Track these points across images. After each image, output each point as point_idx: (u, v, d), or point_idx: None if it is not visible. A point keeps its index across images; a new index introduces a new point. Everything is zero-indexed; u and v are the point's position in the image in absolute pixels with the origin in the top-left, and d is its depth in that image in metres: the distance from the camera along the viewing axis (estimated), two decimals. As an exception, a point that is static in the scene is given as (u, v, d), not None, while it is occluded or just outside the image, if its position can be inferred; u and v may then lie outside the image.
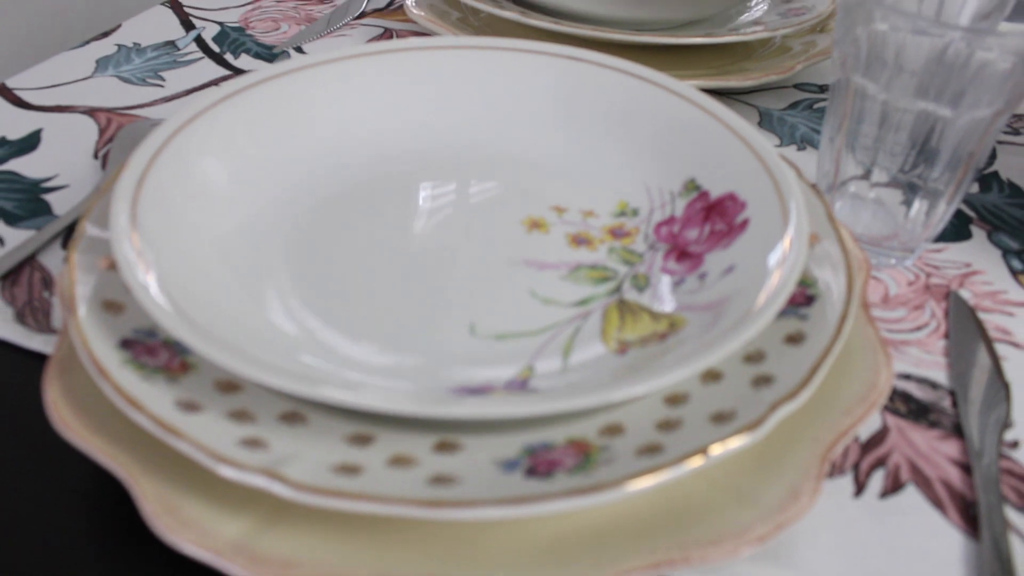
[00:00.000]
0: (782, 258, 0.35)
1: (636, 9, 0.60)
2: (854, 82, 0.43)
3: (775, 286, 0.33)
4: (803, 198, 0.39)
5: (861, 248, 0.42)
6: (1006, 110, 0.41)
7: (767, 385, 0.32)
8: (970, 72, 0.40)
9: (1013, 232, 0.51)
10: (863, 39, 0.41)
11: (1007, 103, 0.41)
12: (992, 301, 0.46)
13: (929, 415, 0.40)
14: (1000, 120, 0.42)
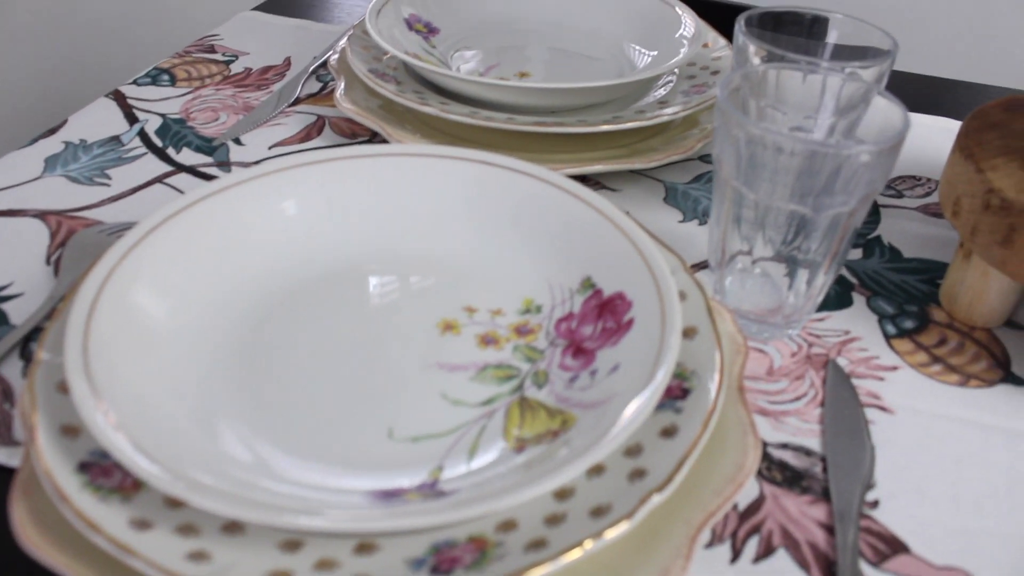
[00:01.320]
0: (655, 361, 0.41)
1: (546, 98, 0.67)
2: (730, 183, 0.49)
3: (645, 395, 0.39)
4: (683, 293, 0.45)
5: (741, 331, 0.48)
6: (860, 207, 0.48)
7: (641, 478, 0.38)
8: (827, 176, 0.46)
9: (890, 296, 0.58)
10: (734, 146, 0.48)
11: (861, 200, 0.48)
12: (866, 367, 0.53)
13: (802, 481, 0.46)
14: (861, 208, 0.48)
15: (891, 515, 0.45)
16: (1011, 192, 0.51)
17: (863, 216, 0.49)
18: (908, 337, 0.55)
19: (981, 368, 0.53)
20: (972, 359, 0.54)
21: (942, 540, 0.44)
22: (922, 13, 2.00)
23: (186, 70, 0.82)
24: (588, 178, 0.67)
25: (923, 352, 0.54)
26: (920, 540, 0.44)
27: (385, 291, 0.50)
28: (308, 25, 0.92)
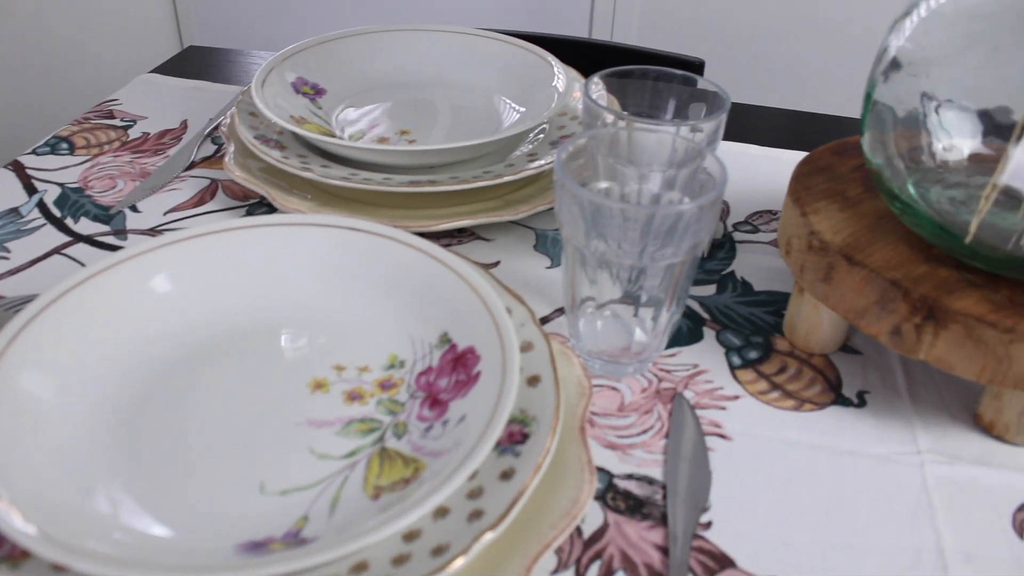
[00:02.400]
0: (493, 413, 0.47)
1: (417, 159, 0.73)
2: (570, 242, 0.56)
3: (479, 443, 0.45)
4: (530, 344, 0.52)
5: (587, 375, 0.54)
6: (689, 256, 0.54)
7: (478, 519, 0.44)
8: (656, 231, 0.53)
9: (738, 329, 0.65)
10: (571, 207, 0.54)
11: (689, 250, 0.54)
12: (710, 398, 0.60)
13: (643, 508, 0.52)
14: (691, 256, 0.55)
15: (722, 534, 0.51)
16: (828, 234, 0.58)
17: (695, 261, 0.55)
18: (751, 367, 0.62)
19: (815, 392, 0.60)
20: (808, 384, 0.61)
21: (766, 554, 0.50)
22: (797, 53, 2.10)
23: (84, 137, 0.87)
24: (465, 229, 0.73)
25: (764, 380, 0.61)
26: (746, 555, 0.50)
27: (260, 356, 0.56)
28: (205, 86, 0.98)
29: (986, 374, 0.53)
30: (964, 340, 0.53)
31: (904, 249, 0.57)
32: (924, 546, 0.51)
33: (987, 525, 0.52)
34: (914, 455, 0.56)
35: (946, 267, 0.56)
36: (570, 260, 0.56)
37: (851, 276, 0.56)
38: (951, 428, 0.58)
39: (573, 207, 0.53)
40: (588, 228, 0.54)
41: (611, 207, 0.51)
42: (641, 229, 0.53)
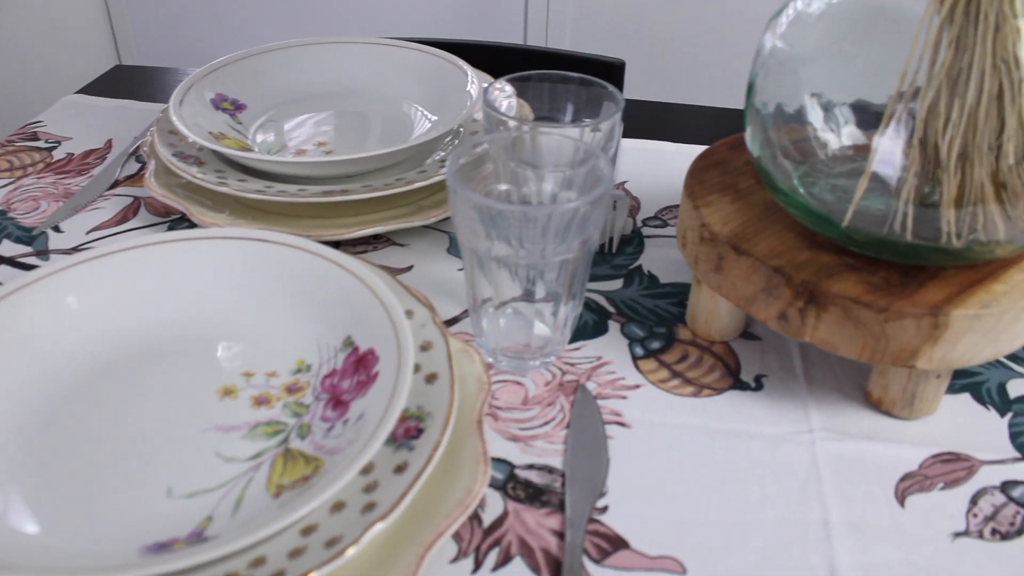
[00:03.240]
0: (386, 410, 0.50)
1: (330, 169, 0.76)
2: (465, 245, 0.58)
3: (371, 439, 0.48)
4: (430, 343, 0.55)
5: (487, 372, 0.57)
6: (582, 250, 0.57)
7: (371, 511, 0.47)
8: (553, 231, 0.56)
9: (642, 321, 0.68)
10: (466, 214, 0.57)
11: (581, 244, 0.57)
12: (612, 388, 0.63)
13: (542, 496, 0.55)
14: (584, 251, 0.58)
15: (617, 517, 0.54)
16: (717, 226, 0.61)
17: (589, 256, 0.58)
18: (654, 357, 0.65)
19: (714, 378, 0.63)
20: (708, 371, 0.64)
21: (660, 534, 0.53)
22: (727, 52, 2.15)
23: (8, 160, 0.89)
24: (380, 235, 0.76)
25: (665, 369, 0.64)
26: (640, 536, 0.53)
27: (171, 367, 0.58)
28: (131, 105, 1.00)
29: (866, 352, 0.57)
30: (843, 321, 0.56)
31: (790, 237, 0.60)
32: (811, 519, 0.54)
33: (872, 496, 0.56)
34: (806, 434, 0.59)
35: (828, 253, 0.59)
36: (468, 263, 0.59)
37: (739, 265, 0.59)
38: (843, 406, 0.62)
39: (470, 212, 0.56)
40: (488, 231, 0.56)
41: (499, 209, 0.54)
42: (540, 228, 0.56)
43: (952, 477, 0.57)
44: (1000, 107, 0.52)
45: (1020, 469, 0.58)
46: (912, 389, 0.59)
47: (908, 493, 0.56)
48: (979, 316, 0.55)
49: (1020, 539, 0.54)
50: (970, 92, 0.52)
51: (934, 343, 0.55)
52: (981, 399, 0.63)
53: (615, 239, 0.74)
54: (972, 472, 0.57)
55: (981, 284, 0.57)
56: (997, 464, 0.58)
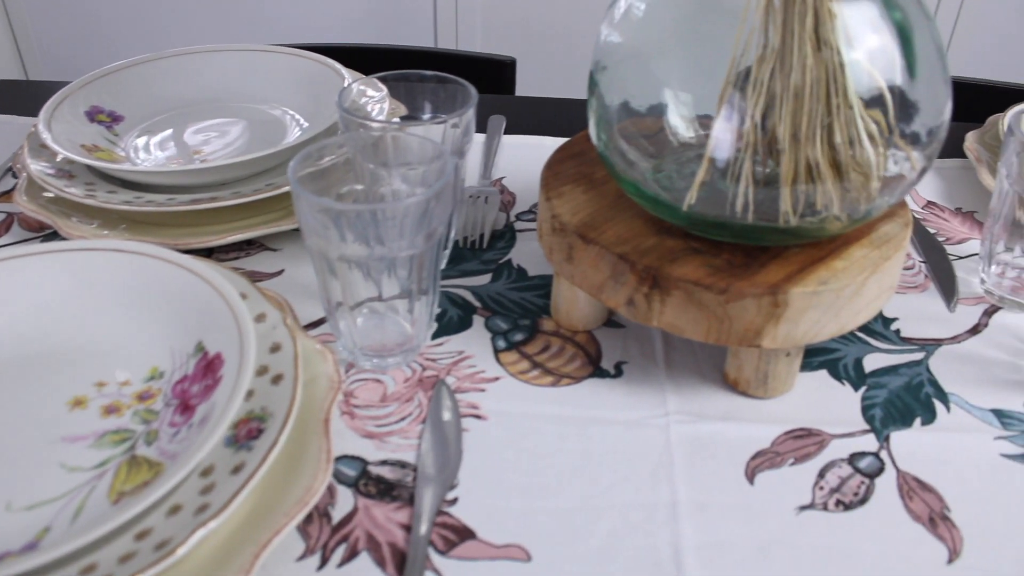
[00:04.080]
0: (222, 413, 0.51)
1: (199, 178, 0.77)
2: (311, 249, 0.59)
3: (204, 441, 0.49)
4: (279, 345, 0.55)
5: (339, 371, 0.58)
6: (428, 245, 0.58)
7: (204, 512, 0.48)
8: (392, 226, 0.56)
9: (507, 314, 0.69)
10: (314, 217, 0.58)
11: (427, 238, 0.58)
12: (471, 382, 0.64)
13: (393, 492, 0.56)
14: (429, 245, 0.58)
15: (466, 508, 0.55)
16: (567, 216, 0.62)
17: (434, 250, 0.59)
18: (515, 349, 0.66)
19: (574, 367, 0.65)
20: (568, 360, 0.65)
21: (507, 523, 0.54)
22: None
23: None
24: (252, 241, 0.77)
25: (526, 360, 0.65)
26: (488, 527, 0.54)
27: (21, 380, 0.59)
28: (10, 120, 1.00)
29: (712, 334, 0.58)
30: (687, 304, 0.57)
31: (638, 224, 0.61)
32: (660, 501, 0.55)
33: (722, 475, 0.57)
34: (662, 417, 0.61)
35: (674, 238, 0.60)
36: (319, 267, 0.60)
37: (587, 254, 0.60)
38: (701, 389, 0.63)
39: (317, 215, 0.56)
40: (343, 233, 0.57)
41: (340, 209, 0.55)
42: (389, 225, 0.57)
43: (803, 452, 0.59)
44: (827, 87, 0.53)
45: (868, 441, 0.60)
46: (764, 368, 0.61)
47: (758, 470, 0.57)
48: (818, 293, 0.56)
49: (862, 508, 0.55)
50: (795, 74, 0.53)
51: (776, 322, 0.57)
52: (837, 375, 0.65)
53: (486, 234, 0.75)
54: (822, 446, 0.59)
55: (822, 262, 0.58)
56: (847, 437, 0.60)
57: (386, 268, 0.59)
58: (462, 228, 0.76)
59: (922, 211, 0.85)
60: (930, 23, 0.56)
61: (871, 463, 0.58)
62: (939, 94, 0.57)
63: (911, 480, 0.57)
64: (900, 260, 0.61)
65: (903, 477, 0.57)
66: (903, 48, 0.54)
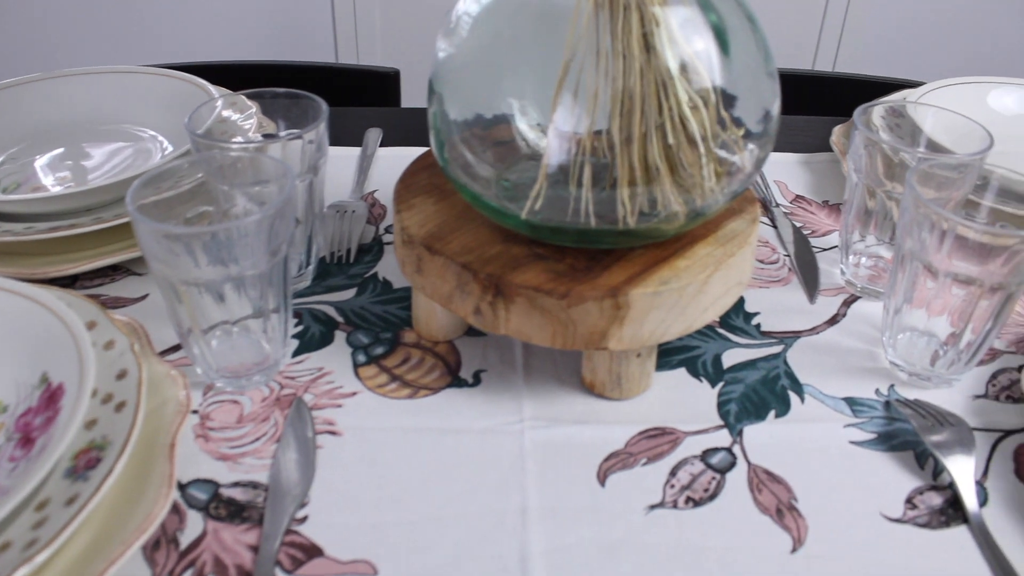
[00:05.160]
0: (54, 445, 0.50)
1: (48, 206, 0.76)
2: (157, 274, 0.59)
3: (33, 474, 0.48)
4: (126, 371, 0.55)
5: (189, 396, 0.58)
6: (271, 264, 0.58)
7: (31, 547, 0.48)
8: (233, 248, 0.56)
9: (370, 328, 0.69)
10: (159, 243, 0.57)
11: (270, 255, 0.58)
12: (328, 398, 0.64)
13: (243, 513, 0.56)
14: (276, 261, 0.58)
15: (316, 526, 0.55)
16: (414, 228, 0.63)
17: (281, 267, 0.59)
18: (375, 363, 0.66)
19: (433, 378, 0.65)
20: (427, 371, 0.65)
21: (356, 539, 0.54)
22: None
23: None
24: (118, 266, 0.76)
25: (384, 374, 0.65)
26: (336, 543, 0.54)
27: None
28: None
29: (558, 339, 0.59)
30: (531, 311, 0.58)
31: (485, 233, 0.62)
32: (510, 508, 0.56)
33: (574, 479, 0.58)
34: (516, 424, 0.61)
35: (520, 245, 0.61)
36: (164, 293, 0.59)
37: (434, 265, 0.61)
38: (559, 393, 0.64)
39: (161, 241, 0.56)
40: (193, 257, 0.57)
41: (177, 233, 0.55)
42: (235, 245, 0.57)
43: (656, 452, 0.59)
44: (656, 89, 0.54)
45: (721, 436, 0.60)
46: (617, 370, 0.61)
47: (611, 472, 0.58)
48: (659, 293, 0.57)
49: (712, 503, 0.56)
50: (625, 78, 0.54)
51: (620, 323, 0.57)
52: (696, 372, 0.66)
53: (352, 249, 0.75)
54: (676, 444, 0.60)
55: (666, 262, 0.59)
56: (701, 434, 0.61)
57: (235, 288, 0.59)
58: (328, 243, 0.76)
59: (790, 205, 0.86)
60: (751, 23, 0.57)
61: (723, 458, 0.59)
62: (764, 90, 0.58)
63: (761, 473, 0.58)
64: (747, 256, 0.62)
65: (754, 470, 0.58)
66: (721, 49, 0.55)
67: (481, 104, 0.58)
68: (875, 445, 0.60)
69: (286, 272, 0.59)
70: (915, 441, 0.60)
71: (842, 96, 0.97)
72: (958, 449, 0.59)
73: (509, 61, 0.58)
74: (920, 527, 0.55)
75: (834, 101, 0.74)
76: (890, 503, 0.57)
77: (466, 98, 0.59)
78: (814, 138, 0.97)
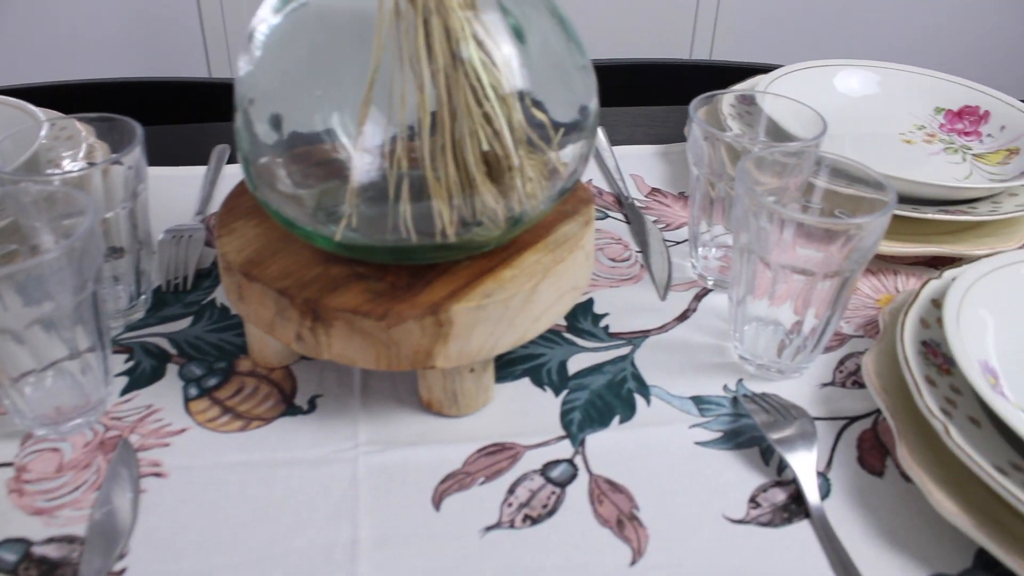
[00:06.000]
0: None
1: None
2: None
3: None
4: None
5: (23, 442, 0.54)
6: (77, 299, 0.54)
7: None
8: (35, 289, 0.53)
9: (203, 358, 0.66)
10: None
11: (76, 292, 0.54)
12: (155, 437, 0.60)
13: (57, 572, 0.53)
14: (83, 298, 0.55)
15: None
16: (232, 254, 0.59)
17: (89, 303, 0.56)
18: (207, 395, 0.63)
19: (266, 407, 0.62)
20: (261, 400, 0.62)
21: (174, 587, 0.51)
22: None
23: None
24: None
25: (216, 407, 0.62)
26: (153, 594, 0.51)
27: None
28: None
29: (383, 361, 0.56)
30: (351, 334, 0.55)
31: (306, 255, 0.59)
32: (339, 541, 0.53)
33: (408, 505, 0.55)
34: (351, 450, 0.59)
35: (340, 265, 0.58)
36: None
37: (253, 291, 0.58)
38: (397, 414, 0.61)
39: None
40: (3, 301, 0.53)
41: None
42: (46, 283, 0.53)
43: (495, 469, 0.57)
44: (465, 98, 0.52)
45: (562, 448, 0.59)
46: (451, 387, 0.59)
47: (447, 494, 0.56)
48: (483, 306, 0.55)
49: (550, 519, 0.54)
50: (433, 89, 0.51)
51: (445, 341, 0.55)
52: (540, 381, 0.63)
53: (189, 276, 0.72)
54: (516, 460, 0.58)
55: (491, 272, 0.57)
56: (542, 447, 0.59)
57: (45, 330, 0.56)
58: (164, 271, 0.72)
59: (646, 199, 0.84)
60: (558, 20, 0.55)
61: (564, 471, 0.57)
62: (578, 85, 0.56)
63: (603, 483, 0.56)
64: (580, 260, 0.60)
65: (595, 481, 0.56)
66: (526, 49, 0.53)
67: (288, 122, 0.55)
68: (720, 444, 0.59)
69: (96, 309, 0.56)
70: (761, 436, 0.59)
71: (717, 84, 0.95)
72: (800, 443, 0.57)
73: (313, 75, 0.56)
74: (762, 526, 0.54)
75: (708, 89, 0.73)
76: (733, 504, 0.55)
77: (271, 116, 0.56)
78: (676, 128, 0.95)
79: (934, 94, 0.93)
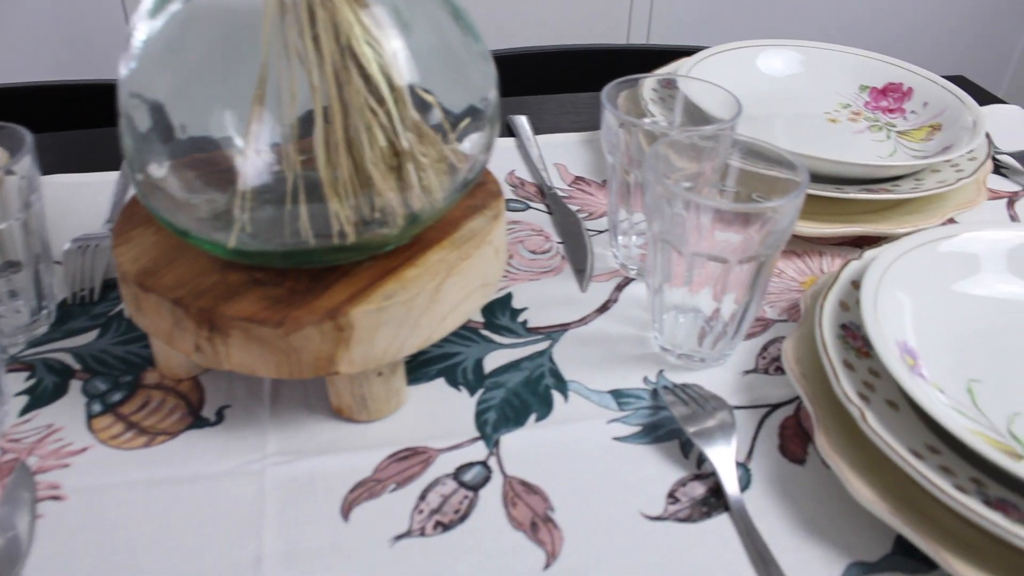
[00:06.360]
0: None
1: None
2: None
3: None
4: None
5: None
6: None
7: None
8: None
9: (109, 373, 0.63)
10: None
11: None
12: (55, 458, 0.58)
13: (-54, 603, 0.50)
14: None
15: (27, 607, 0.49)
16: (128, 264, 0.57)
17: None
18: (111, 411, 0.60)
19: (172, 421, 0.59)
20: (167, 414, 0.60)
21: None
22: None
23: None
24: None
25: (120, 423, 0.60)
26: (49, 623, 0.49)
27: None
28: None
29: (284, 369, 0.54)
30: (249, 343, 0.53)
31: (202, 263, 0.57)
32: (243, 559, 0.51)
33: (316, 516, 0.53)
34: (258, 462, 0.56)
35: (238, 271, 0.56)
36: None
37: (148, 302, 0.55)
38: (307, 423, 0.59)
39: None
40: None
41: None
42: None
43: (406, 475, 0.55)
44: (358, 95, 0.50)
45: (476, 450, 0.57)
46: (360, 392, 0.57)
47: (356, 504, 0.54)
48: (384, 308, 0.53)
49: (462, 525, 0.52)
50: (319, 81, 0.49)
51: (347, 346, 0.53)
52: (455, 382, 0.62)
53: (96, 287, 0.69)
54: (428, 464, 0.56)
55: (393, 273, 0.55)
56: (455, 450, 0.57)
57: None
58: (69, 282, 0.69)
59: (569, 188, 0.82)
60: (450, 11, 0.53)
61: (477, 474, 0.55)
62: (476, 75, 0.54)
63: (517, 485, 0.54)
64: (487, 256, 0.58)
65: (509, 483, 0.54)
66: (415, 41, 0.51)
67: (174, 125, 0.53)
68: (639, 439, 0.57)
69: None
70: (680, 429, 0.57)
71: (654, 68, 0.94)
72: (719, 435, 0.56)
73: (199, 75, 0.53)
74: (680, 522, 0.53)
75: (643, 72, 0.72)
76: (651, 500, 0.54)
77: (156, 121, 0.53)
78: (601, 114, 0.93)
79: (857, 72, 0.92)
